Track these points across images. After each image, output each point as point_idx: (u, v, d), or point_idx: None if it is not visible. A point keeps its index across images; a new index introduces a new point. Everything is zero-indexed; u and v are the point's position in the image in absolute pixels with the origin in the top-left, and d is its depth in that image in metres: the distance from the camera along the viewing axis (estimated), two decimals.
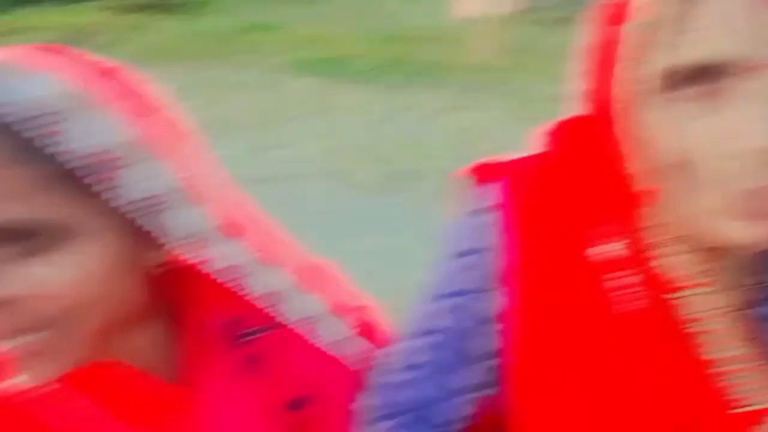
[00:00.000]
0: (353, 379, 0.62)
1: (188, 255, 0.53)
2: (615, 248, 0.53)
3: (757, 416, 0.52)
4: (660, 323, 0.53)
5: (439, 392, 0.59)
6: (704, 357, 0.53)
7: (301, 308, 0.60)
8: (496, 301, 0.56)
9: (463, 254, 0.57)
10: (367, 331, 0.65)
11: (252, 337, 0.59)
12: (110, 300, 0.50)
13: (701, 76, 0.43)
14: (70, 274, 0.47)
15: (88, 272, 0.47)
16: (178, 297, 0.57)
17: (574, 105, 0.54)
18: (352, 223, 3.05)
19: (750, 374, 0.53)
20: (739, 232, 0.45)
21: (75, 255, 0.47)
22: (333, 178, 3.51)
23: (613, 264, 0.53)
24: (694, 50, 0.43)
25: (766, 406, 0.52)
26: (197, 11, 7.83)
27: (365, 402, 0.61)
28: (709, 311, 0.52)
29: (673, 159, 0.46)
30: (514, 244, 0.55)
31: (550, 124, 0.57)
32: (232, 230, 0.56)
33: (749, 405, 0.53)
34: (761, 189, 0.44)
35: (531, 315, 0.55)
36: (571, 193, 0.55)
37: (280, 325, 0.59)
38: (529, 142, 0.58)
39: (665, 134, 0.46)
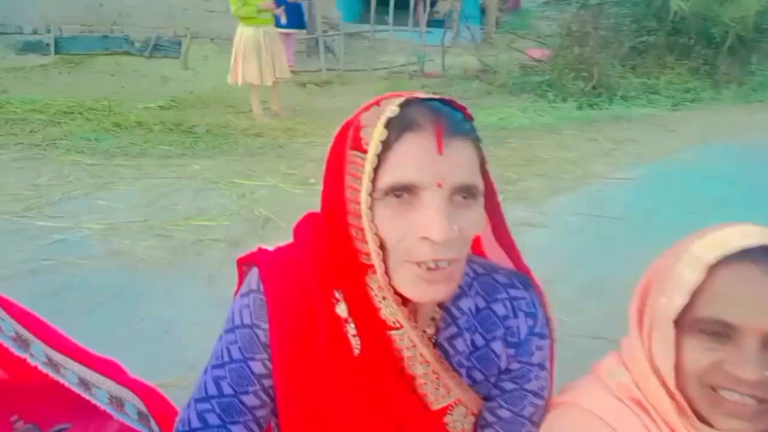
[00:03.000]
0: None
1: None
2: (346, 307, 0.78)
3: (444, 410, 0.83)
4: (379, 355, 0.78)
5: None
6: (410, 372, 0.80)
7: (101, 395, 0.77)
8: (262, 363, 0.80)
9: (234, 328, 0.81)
10: (157, 409, 0.83)
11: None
12: None
13: (398, 191, 0.73)
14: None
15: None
16: None
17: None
18: (142, 302, 2.90)
19: (437, 383, 0.82)
20: (423, 293, 0.75)
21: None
22: (116, 258, 3.32)
23: (347, 318, 0.78)
24: (392, 176, 0.73)
25: (449, 402, 0.83)
26: None
27: None
28: (410, 343, 0.79)
29: (384, 242, 0.74)
30: (274, 316, 0.79)
31: (299, 220, 0.87)
32: (34, 332, 0.70)
33: (439, 403, 0.82)
34: (435, 263, 0.73)
35: (292, 368, 0.78)
36: (315, 271, 0.80)
37: (87, 413, 0.74)
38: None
39: (381, 227, 0.74)
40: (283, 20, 6.53)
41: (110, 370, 0.82)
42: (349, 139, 0.77)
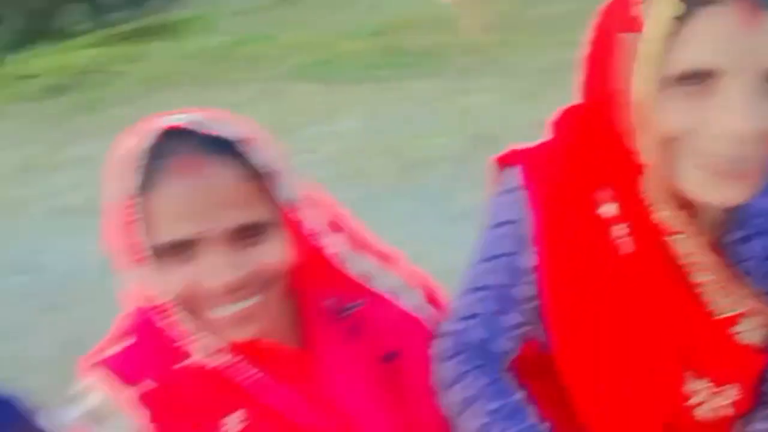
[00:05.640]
0: (428, 335, 0.83)
1: (310, 243, 0.75)
2: (616, 207, 0.72)
3: (733, 319, 0.74)
4: (656, 260, 0.72)
5: (490, 333, 0.78)
6: (692, 281, 0.73)
7: (385, 283, 0.83)
8: (529, 258, 0.76)
9: (499, 225, 0.78)
10: (431, 297, 0.87)
11: (351, 311, 0.80)
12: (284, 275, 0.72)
13: (692, 78, 0.62)
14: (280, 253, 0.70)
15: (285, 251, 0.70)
16: (294, 284, 0.76)
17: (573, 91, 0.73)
18: (377, 219, 2.97)
19: (724, 291, 0.73)
20: (713, 192, 0.65)
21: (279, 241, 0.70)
22: (349, 179, 3.48)
23: (616, 218, 0.72)
24: (685, 59, 0.62)
25: (738, 312, 0.74)
26: (184, 32, 7.53)
27: (436, 348, 0.81)
28: (692, 249, 0.71)
29: (670, 137, 0.64)
30: (538, 214, 0.75)
31: (553, 114, 0.78)
32: (334, 227, 0.79)
33: (726, 312, 0.74)
34: (735, 157, 0.63)
35: (557, 265, 0.75)
36: (578, 168, 0.74)
37: (371, 298, 0.81)
38: (538, 127, 0.78)
39: (665, 120, 0.64)
40: None
41: (392, 260, 0.86)
42: (617, 20, 0.68)
